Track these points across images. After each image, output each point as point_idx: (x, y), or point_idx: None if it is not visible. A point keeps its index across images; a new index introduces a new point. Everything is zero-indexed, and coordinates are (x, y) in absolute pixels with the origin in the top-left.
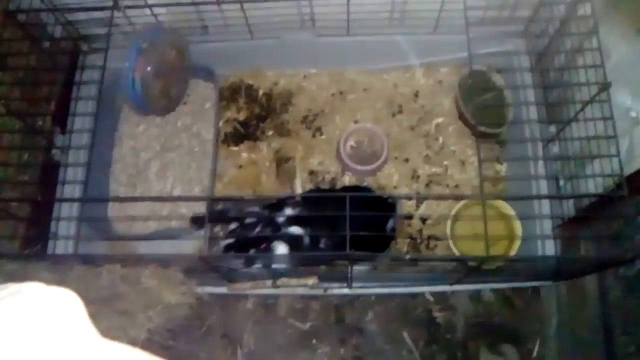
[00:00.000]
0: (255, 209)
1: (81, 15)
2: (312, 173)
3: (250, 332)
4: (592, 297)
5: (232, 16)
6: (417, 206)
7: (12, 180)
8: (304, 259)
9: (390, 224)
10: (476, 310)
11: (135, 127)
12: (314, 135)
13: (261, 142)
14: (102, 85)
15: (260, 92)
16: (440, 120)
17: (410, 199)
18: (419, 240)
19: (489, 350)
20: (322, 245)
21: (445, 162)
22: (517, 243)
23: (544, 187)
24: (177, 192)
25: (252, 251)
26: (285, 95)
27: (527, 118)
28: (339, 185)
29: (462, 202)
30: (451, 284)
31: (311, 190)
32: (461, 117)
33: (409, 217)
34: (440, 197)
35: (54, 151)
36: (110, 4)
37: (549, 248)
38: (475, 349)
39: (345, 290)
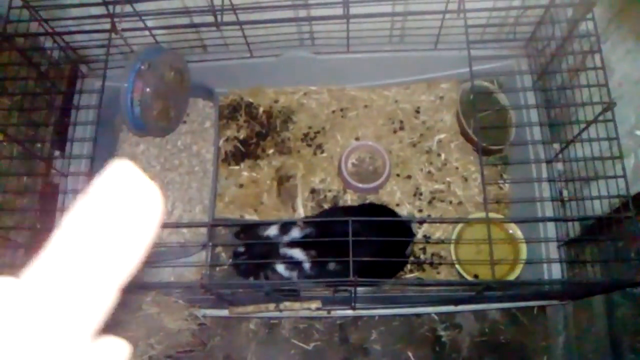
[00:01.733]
0: (275, 229)
1: (79, 38)
2: (313, 191)
3: (254, 353)
4: (599, 315)
5: (231, 35)
6: (420, 224)
7: (11, 207)
8: (306, 283)
9: (408, 249)
10: (482, 329)
11: (135, 147)
12: (315, 153)
13: (262, 161)
14: (100, 110)
15: (261, 110)
16: (442, 136)
17: (421, 222)
18: (422, 258)
19: None
20: (330, 267)
21: (448, 179)
22: (522, 264)
23: (548, 206)
24: (177, 212)
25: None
26: (285, 112)
27: (531, 136)
28: (341, 204)
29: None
30: (456, 305)
31: (326, 210)
32: (463, 133)
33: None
34: (446, 221)
35: (53, 176)
36: (108, 26)
37: (555, 269)
38: None
39: (349, 311)
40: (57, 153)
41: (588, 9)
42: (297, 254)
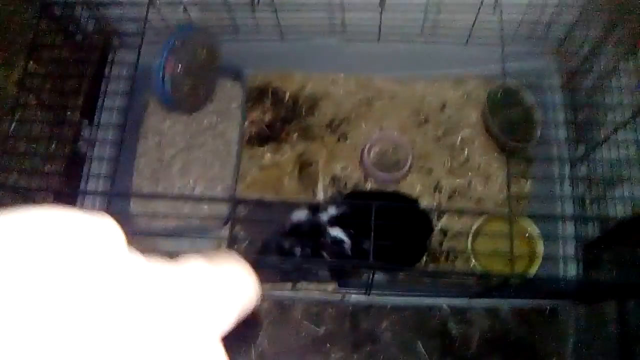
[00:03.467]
0: (304, 213)
1: (115, 11)
2: (334, 178)
3: (265, 333)
4: (611, 321)
5: (264, 17)
6: (439, 218)
7: (38, 170)
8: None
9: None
10: (492, 326)
11: (161, 122)
12: (338, 141)
13: (285, 145)
14: (134, 82)
15: (287, 95)
16: (466, 132)
17: (441, 212)
18: (438, 253)
19: None
20: (365, 247)
21: (470, 175)
22: (538, 262)
23: (569, 206)
24: (199, 190)
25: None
26: (311, 99)
27: (556, 136)
28: None
29: (483, 217)
30: (470, 298)
31: (351, 192)
32: (488, 131)
33: None
34: (468, 212)
35: (80, 143)
36: (146, 0)
37: (571, 269)
38: None
39: (362, 297)
40: (85, 121)
41: (625, 13)
42: (339, 233)
